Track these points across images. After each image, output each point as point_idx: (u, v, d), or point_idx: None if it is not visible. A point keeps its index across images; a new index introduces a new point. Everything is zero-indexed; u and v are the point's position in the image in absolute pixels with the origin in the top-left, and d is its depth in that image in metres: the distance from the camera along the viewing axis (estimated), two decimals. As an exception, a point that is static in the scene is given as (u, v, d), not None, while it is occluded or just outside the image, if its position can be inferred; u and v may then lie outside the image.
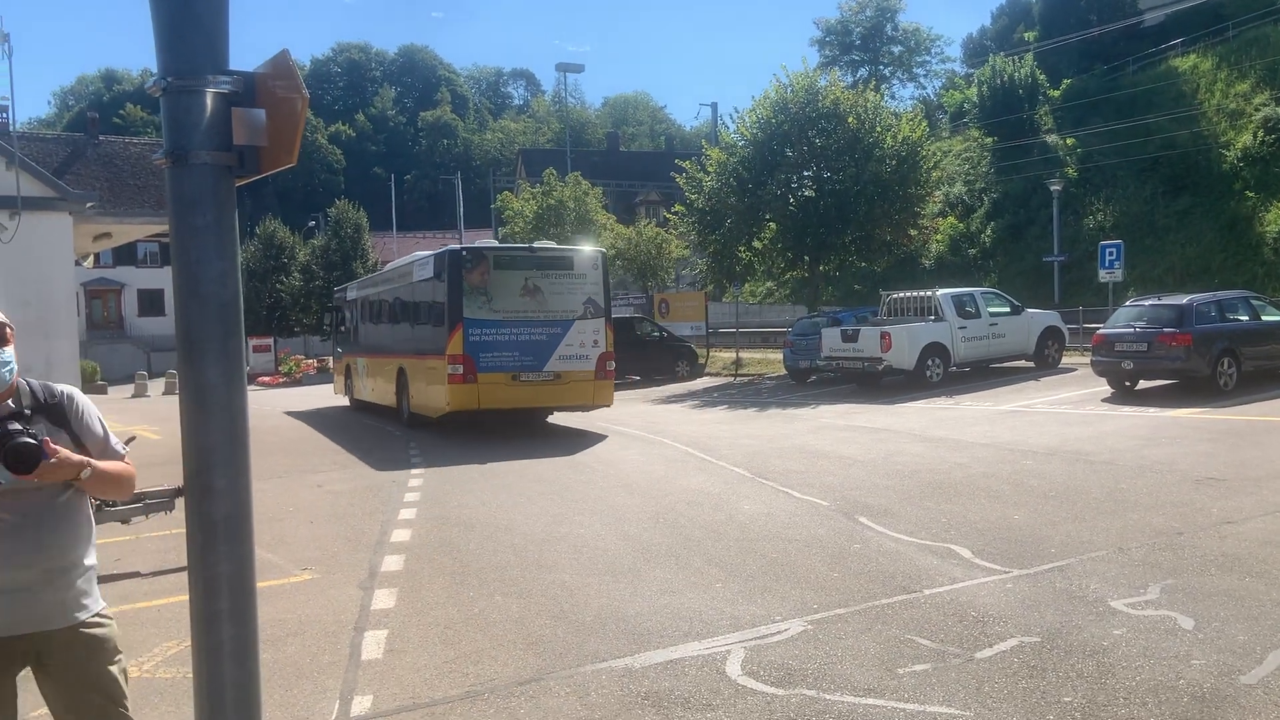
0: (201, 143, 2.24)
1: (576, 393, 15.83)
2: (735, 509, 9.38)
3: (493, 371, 15.17)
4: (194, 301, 2.28)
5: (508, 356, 15.30)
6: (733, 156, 27.96)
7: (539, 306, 15.58)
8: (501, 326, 15.31)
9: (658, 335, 29.73)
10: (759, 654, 5.49)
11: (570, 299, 15.82)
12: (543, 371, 15.49)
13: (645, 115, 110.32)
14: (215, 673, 2.34)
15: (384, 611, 6.53)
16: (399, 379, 17.93)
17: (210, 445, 2.32)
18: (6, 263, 15.86)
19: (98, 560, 3.27)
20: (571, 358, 15.66)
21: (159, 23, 2.20)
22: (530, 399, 15.64)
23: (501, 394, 15.25)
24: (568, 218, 37.25)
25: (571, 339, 15.67)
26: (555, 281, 15.80)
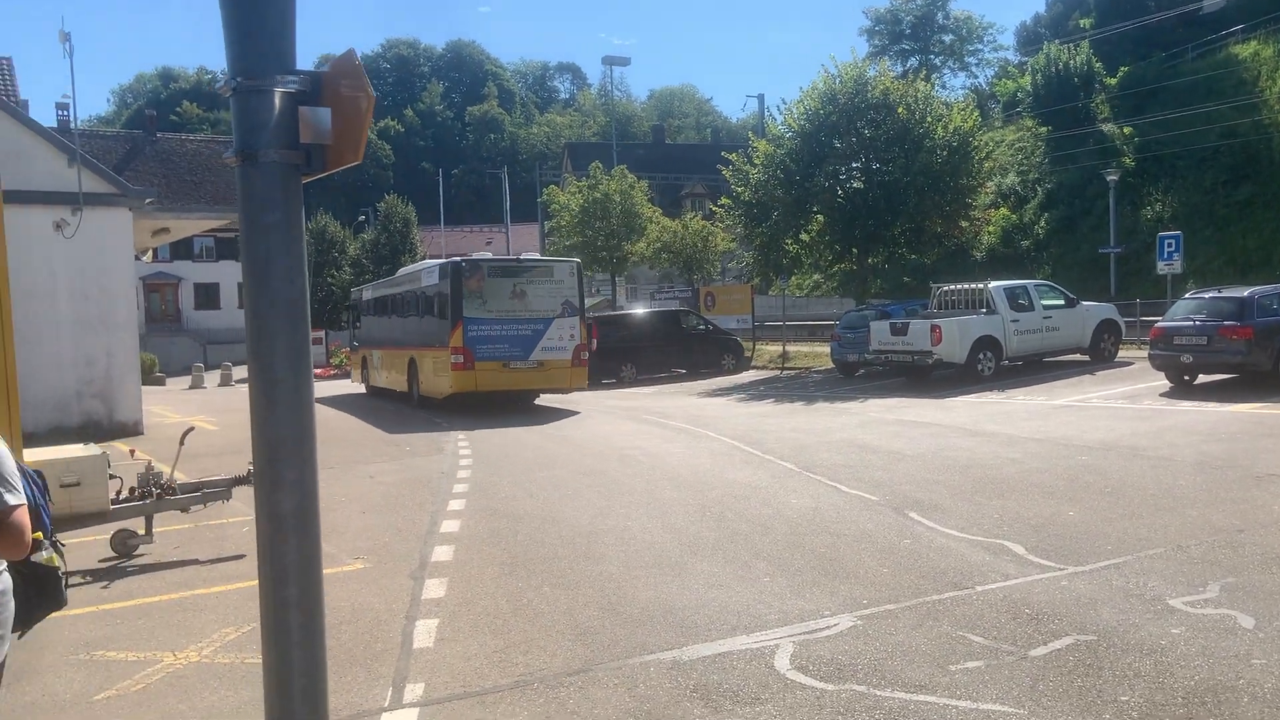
0: (270, 141, 2.29)
1: (557, 377, 19.07)
2: (783, 503, 9.34)
3: (488, 360, 18.29)
4: (263, 297, 2.32)
5: (500, 348, 18.44)
6: (780, 148, 27.77)
7: (525, 307, 18.73)
8: (494, 324, 18.46)
9: (703, 328, 29.66)
10: (808, 648, 5.46)
11: (551, 301, 18.99)
12: (529, 360, 18.68)
13: (691, 108, 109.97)
14: (284, 659, 2.41)
15: (435, 601, 6.60)
16: (410, 367, 20.96)
17: (279, 438, 2.37)
18: (69, 258, 16.29)
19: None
20: (552, 349, 18.82)
21: (229, 25, 2.25)
22: (519, 383, 18.90)
23: (495, 379, 18.45)
24: (613, 211, 37.27)
25: (552, 334, 18.83)
26: (539, 286, 19.03)
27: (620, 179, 38.14)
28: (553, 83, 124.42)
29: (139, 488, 8.11)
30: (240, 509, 9.91)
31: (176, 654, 5.77)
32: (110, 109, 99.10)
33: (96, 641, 6.06)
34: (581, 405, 20.54)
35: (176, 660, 5.67)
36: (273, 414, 2.34)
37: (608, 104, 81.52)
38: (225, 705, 5.00)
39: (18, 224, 15.59)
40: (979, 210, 28.80)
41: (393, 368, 22.62)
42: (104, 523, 7.83)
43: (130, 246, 17.45)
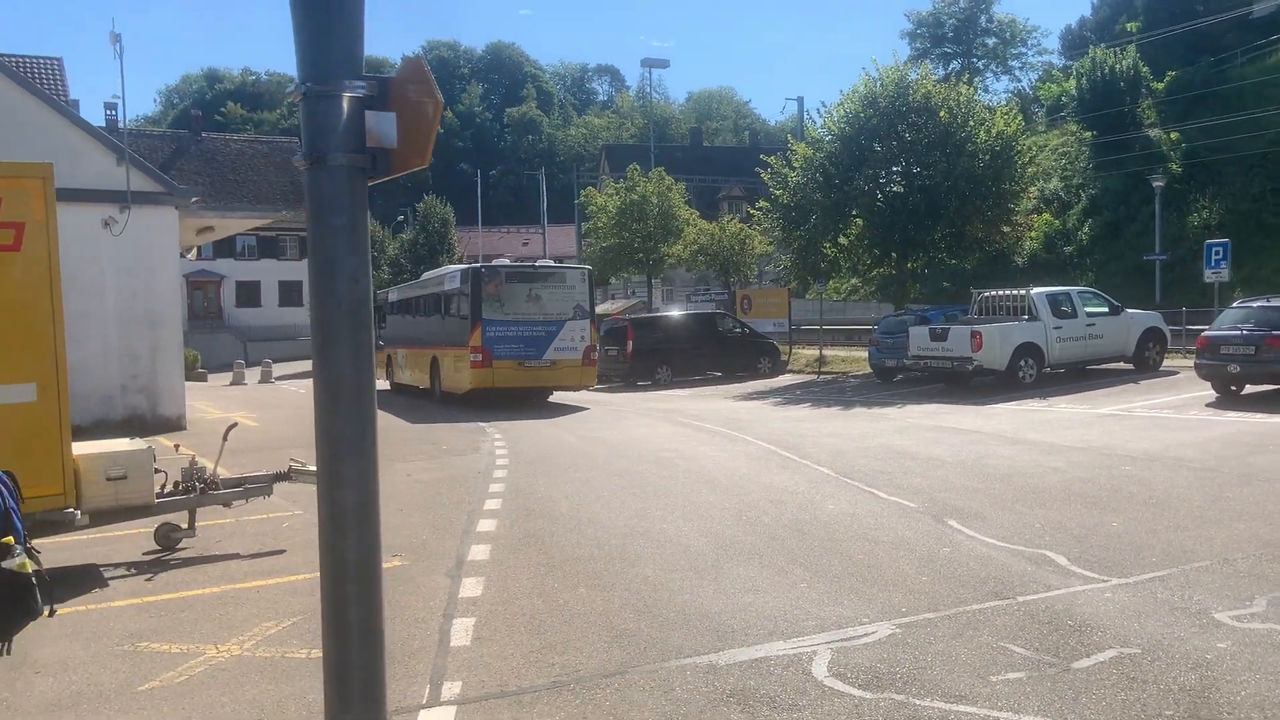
0: (338, 145, 2.32)
1: (568, 376, 20.42)
2: (819, 508, 9.28)
3: (504, 359, 19.66)
4: (329, 298, 2.35)
5: (516, 348, 19.77)
6: (819, 152, 27.62)
7: (539, 310, 20.11)
8: (511, 325, 19.82)
9: (739, 331, 29.58)
10: (846, 655, 5.42)
11: (563, 305, 20.33)
12: (542, 359, 20.01)
13: (730, 110, 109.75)
14: (343, 653, 2.43)
15: (472, 600, 6.63)
16: (432, 365, 22.36)
17: (342, 435, 2.40)
18: (116, 255, 16.59)
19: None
20: (564, 349, 20.13)
21: (300, 30, 2.29)
22: (533, 380, 20.21)
23: (511, 376, 19.79)
24: (650, 213, 37.28)
25: (564, 335, 20.12)
26: (552, 291, 20.38)
27: (657, 181, 38.15)
28: (591, 85, 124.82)
29: (183, 482, 8.23)
30: (281, 504, 10.04)
31: (218, 647, 5.84)
32: (157, 109, 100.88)
33: (140, 633, 6.15)
34: (617, 407, 20.57)
35: (218, 653, 5.74)
36: (336, 412, 2.37)
37: (645, 106, 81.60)
38: (266, 699, 5.05)
39: (67, 221, 15.84)
40: (1021, 215, 28.45)
41: (416, 365, 23.99)
42: (148, 516, 7.95)
43: (176, 245, 17.74)
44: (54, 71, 30.18)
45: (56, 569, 7.85)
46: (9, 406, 6.75)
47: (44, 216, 6.84)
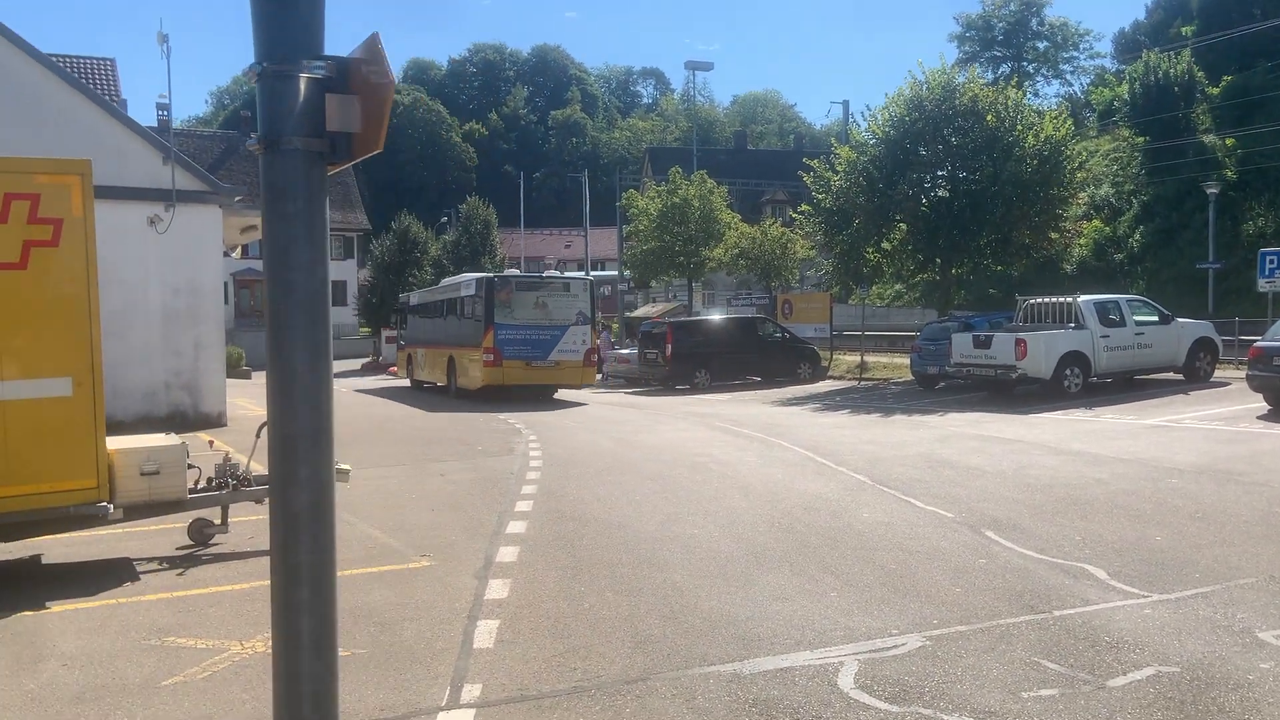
0: (295, 129, 2.21)
1: (570, 375, 22.72)
2: (854, 516, 9.13)
3: (513, 360, 21.96)
4: (282, 289, 2.24)
5: (524, 349, 22.05)
6: (863, 155, 27.34)
7: (545, 317, 22.39)
8: (520, 329, 22.13)
9: (780, 336, 29.37)
10: (873, 667, 5.30)
11: (567, 312, 22.67)
12: (547, 360, 22.32)
13: (774, 114, 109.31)
14: (293, 664, 2.33)
15: (497, 601, 6.59)
16: (449, 364, 24.65)
17: (295, 434, 2.27)
18: (161, 253, 16.85)
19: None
20: (567, 351, 22.44)
21: (257, 7, 2.19)
22: (538, 379, 22.47)
23: (519, 375, 22.10)
24: (692, 216, 37.18)
25: (567, 339, 22.47)
26: (557, 300, 22.76)
27: (699, 184, 38.04)
28: (635, 87, 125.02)
29: (216, 478, 8.29)
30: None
31: (243, 643, 5.85)
32: (208, 110, 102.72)
33: (168, 628, 6.19)
34: (654, 410, 20.51)
35: (243, 650, 5.75)
36: (289, 410, 2.25)
37: (690, 109, 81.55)
38: (286, 697, 5.04)
39: (114, 219, 16.17)
40: (1070, 222, 27.93)
41: (434, 364, 26.28)
42: (181, 511, 8.02)
43: (219, 243, 17.98)
44: (107, 72, 30.84)
45: (91, 562, 7.98)
46: (45, 400, 6.84)
47: (82, 213, 6.92)
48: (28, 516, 6.87)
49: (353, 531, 8.93)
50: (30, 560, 8.03)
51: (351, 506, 9.98)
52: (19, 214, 6.74)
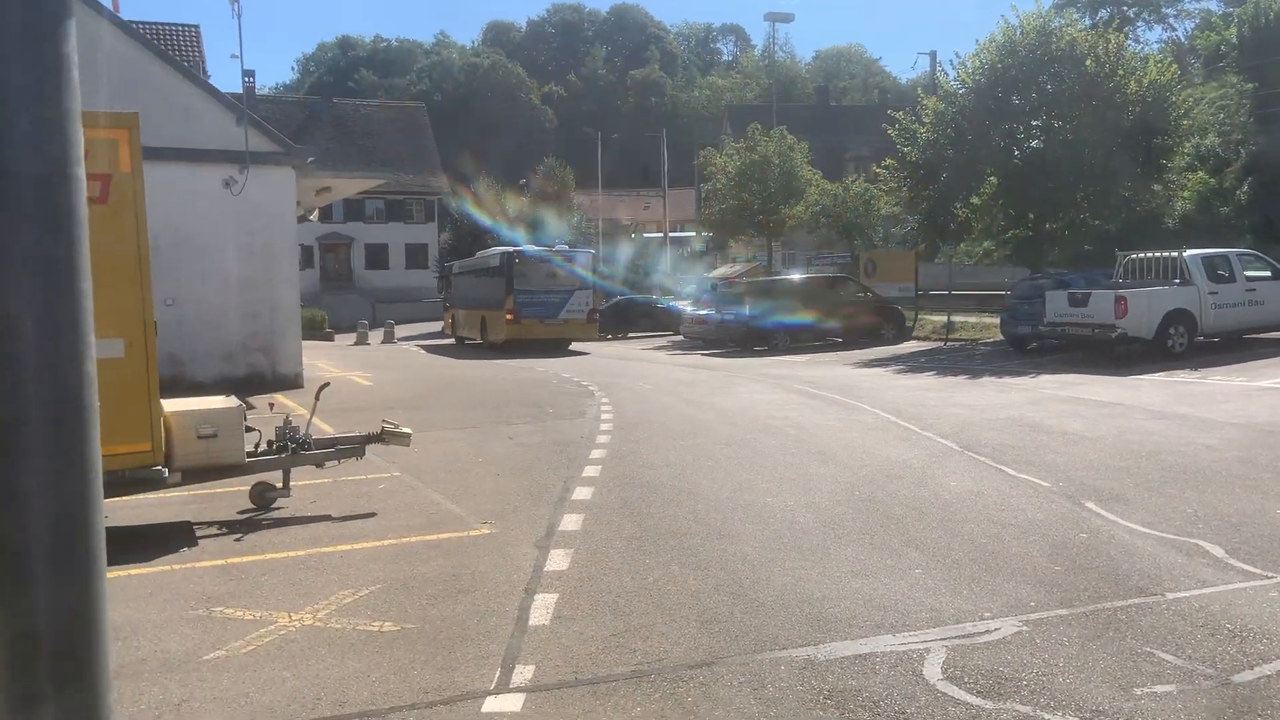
0: None
1: (576, 330, 28.10)
2: (940, 485, 8.55)
3: (529, 319, 27.36)
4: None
5: (538, 310, 27.42)
6: (951, 106, 26.10)
7: (555, 283, 27.75)
8: (534, 294, 27.48)
9: (862, 296, 28.48)
10: (963, 656, 4.80)
11: (573, 279, 27.98)
12: (557, 319, 27.71)
13: (858, 68, 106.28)
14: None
15: (556, 574, 6.25)
16: (481, 322, 29.95)
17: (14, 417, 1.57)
18: (237, 214, 16.90)
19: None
20: (573, 311, 27.86)
21: None
22: (551, 333, 27.51)
23: (535, 330, 27.28)
24: (771, 173, 36.23)
25: (573, 301, 27.82)
26: (565, 268, 28.02)
27: (779, 140, 37.02)
28: (715, 44, 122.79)
29: (276, 441, 8.11)
30: (381, 465, 9.92)
31: (291, 615, 5.62)
32: (294, 77, 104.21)
33: (217, 597, 6.00)
34: (730, 372, 20.01)
35: (290, 622, 5.52)
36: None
37: (770, 65, 79.75)
38: (329, 675, 4.77)
39: (190, 181, 16.30)
40: (1174, 173, 26.33)
41: (471, 322, 31.34)
42: (240, 475, 7.87)
43: (293, 204, 17.96)
44: (191, 38, 31.24)
45: (153, 525, 7.88)
46: (97, 363, 6.67)
47: (130, 168, 6.70)
48: (83, 480, 6.75)
49: (416, 497, 8.70)
50: (94, 523, 7.98)
51: (415, 471, 9.77)
52: (66, 170, 6.54)
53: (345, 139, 54.60)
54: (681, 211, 63.81)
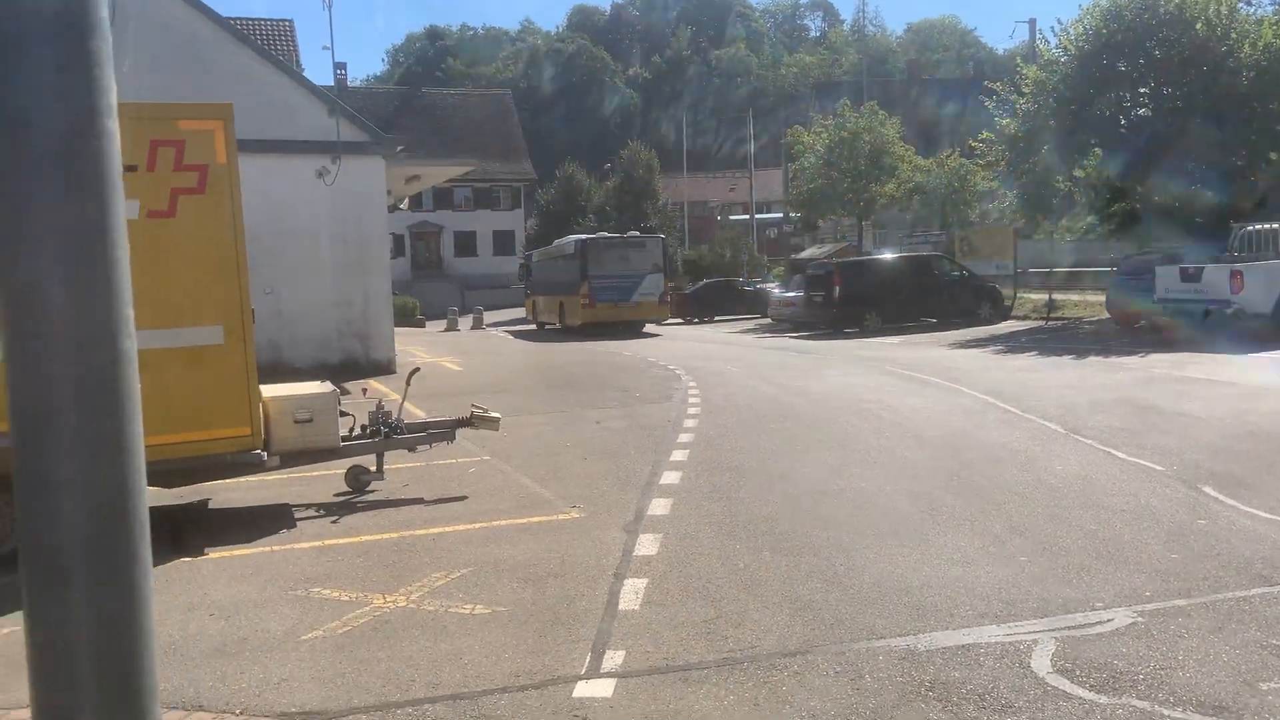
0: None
1: (648, 312, 29.35)
2: (1046, 469, 8.21)
3: (603, 302, 28.59)
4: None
5: (612, 294, 28.59)
6: (1053, 74, 25.08)
7: (628, 268, 28.94)
8: (608, 279, 28.61)
9: (957, 274, 27.69)
10: (1074, 647, 4.57)
11: (644, 264, 29.26)
12: (630, 302, 28.89)
13: (952, 40, 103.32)
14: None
15: (646, 558, 6.17)
16: (559, 307, 31.31)
17: (51, 404, 1.41)
18: (330, 204, 17.25)
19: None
20: (645, 294, 28.99)
21: None
22: (623, 315, 28.69)
23: (609, 313, 28.52)
24: (861, 150, 35.44)
25: (645, 285, 28.97)
26: (637, 254, 29.43)
27: (869, 116, 36.18)
28: (803, 21, 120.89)
29: (369, 425, 8.22)
30: (471, 449, 10.00)
31: (386, 597, 5.67)
32: (385, 68, 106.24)
33: (315, 578, 6.09)
34: (821, 355, 19.69)
35: (385, 603, 5.56)
36: (37, 363, 1.38)
37: (860, 39, 78.14)
38: (423, 657, 4.79)
39: (285, 172, 16.68)
40: (1293, 140, 24.84)
41: (550, 307, 32.64)
42: (334, 459, 8.00)
43: (384, 193, 18.26)
44: (286, 33, 32.03)
45: (254, 508, 8.08)
46: (198, 349, 6.85)
47: (226, 159, 6.83)
48: (186, 464, 6.94)
49: (505, 480, 8.74)
50: (198, 505, 8.22)
51: (504, 454, 9.82)
52: (165, 161, 6.70)
53: (433, 128, 55.40)
54: (768, 192, 63.07)
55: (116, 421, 1.22)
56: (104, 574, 1.22)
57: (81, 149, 1.17)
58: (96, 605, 1.23)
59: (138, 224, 6.62)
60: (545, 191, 54.53)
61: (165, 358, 6.78)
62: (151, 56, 15.95)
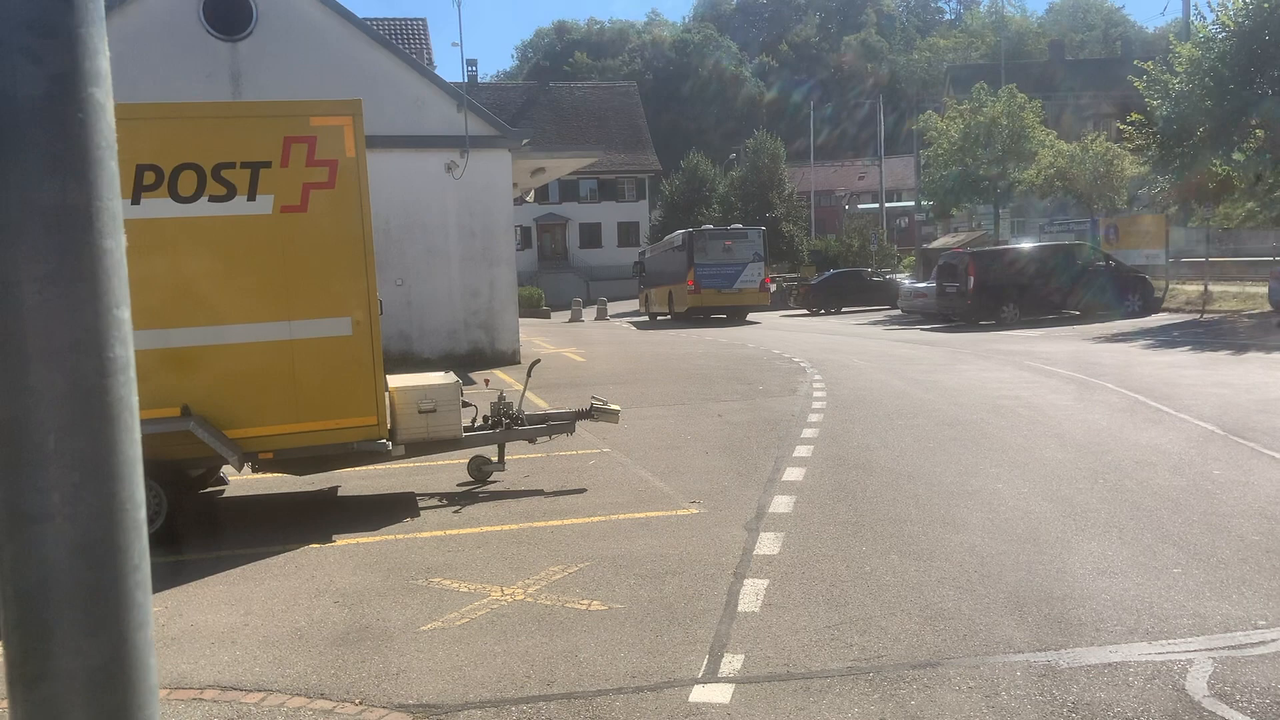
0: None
1: (750, 298, 31.72)
2: (1201, 474, 7.62)
3: (708, 289, 31.21)
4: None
5: (716, 281, 31.16)
6: (1209, 52, 23.44)
7: (730, 257, 31.41)
8: (712, 266, 31.20)
9: (1103, 264, 26.26)
10: (1233, 669, 4.19)
11: (746, 253, 31.71)
12: (733, 288, 31.37)
13: (1098, 19, 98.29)
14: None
15: (766, 558, 5.99)
16: (669, 296, 33.65)
17: (27, 420, 1.21)
18: (458, 196, 17.59)
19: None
20: (746, 281, 31.49)
21: None
22: (727, 301, 31.43)
23: (713, 299, 31.30)
24: (999, 136, 34.01)
25: (746, 273, 31.44)
26: (739, 244, 31.85)
27: (1008, 100, 34.66)
28: (936, 3, 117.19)
29: (491, 416, 8.28)
30: (592, 441, 9.99)
31: (504, 589, 5.66)
32: (514, 64, 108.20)
33: (436, 568, 6.15)
34: (954, 348, 18.98)
35: (502, 596, 5.56)
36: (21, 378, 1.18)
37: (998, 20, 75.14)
38: (538, 653, 4.74)
39: (416, 166, 17.09)
40: None
41: (660, 298, 35.03)
42: (457, 449, 8.08)
43: (509, 185, 18.49)
44: (419, 31, 32.87)
45: (380, 496, 8.26)
46: (327, 340, 7.01)
47: (355, 153, 6.95)
48: (316, 451, 7.12)
49: (624, 473, 8.67)
50: (329, 492, 8.45)
51: (624, 447, 9.77)
52: (298, 157, 6.87)
53: (560, 121, 56.10)
54: (899, 180, 61.39)
55: (105, 442, 1.01)
56: (92, 624, 1.03)
57: (62, 121, 1.02)
58: (84, 661, 1.05)
59: (271, 218, 6.84)
60: (670, 182, 54.50)
61: (295, 349, 6.98)
62: (291, 58, 16.59)
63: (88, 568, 1.00)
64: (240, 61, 16.68)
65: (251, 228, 6.82)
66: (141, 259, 6.64)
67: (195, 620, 5.41)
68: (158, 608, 5.57)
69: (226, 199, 6.75)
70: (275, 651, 4.92)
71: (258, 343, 6.91)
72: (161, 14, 16.52)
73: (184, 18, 16.51)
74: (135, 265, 5.16)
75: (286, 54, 16.69)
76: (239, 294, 6.89)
